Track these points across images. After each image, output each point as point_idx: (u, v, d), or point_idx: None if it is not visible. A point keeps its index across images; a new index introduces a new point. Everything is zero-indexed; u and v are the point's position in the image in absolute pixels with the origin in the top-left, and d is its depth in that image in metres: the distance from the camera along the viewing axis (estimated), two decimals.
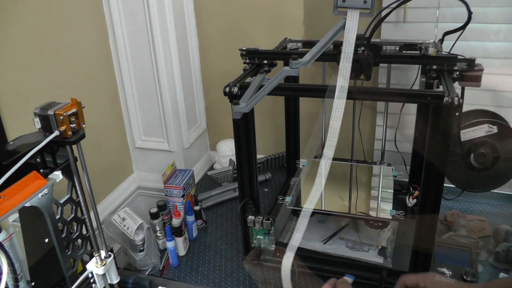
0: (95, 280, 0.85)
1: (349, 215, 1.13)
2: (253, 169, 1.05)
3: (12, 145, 0.73)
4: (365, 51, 0.89)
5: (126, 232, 1.15)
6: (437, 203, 0.91)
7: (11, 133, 1.02)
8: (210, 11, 1.53)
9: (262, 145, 1.60)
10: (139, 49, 1.39)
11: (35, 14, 1.08)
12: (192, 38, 1.55)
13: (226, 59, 1.58)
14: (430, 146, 0.86)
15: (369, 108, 1.47)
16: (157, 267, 1.18)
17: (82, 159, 0.77)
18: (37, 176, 0.72)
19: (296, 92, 1.16)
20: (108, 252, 0.85)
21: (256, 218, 1.06)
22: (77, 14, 1.23)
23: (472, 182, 1.25)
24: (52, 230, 0.78)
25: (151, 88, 1.44)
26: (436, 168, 0.87)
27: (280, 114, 1.50)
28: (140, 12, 1.33)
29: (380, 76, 1.40)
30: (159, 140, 1.54)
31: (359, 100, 1.34)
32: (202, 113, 1.71)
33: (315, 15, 1.41)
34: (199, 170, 1.69)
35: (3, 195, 0.64)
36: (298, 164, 1.47)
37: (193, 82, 1.61)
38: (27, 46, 1.07)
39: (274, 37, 1.43)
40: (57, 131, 0.71)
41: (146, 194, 1.62)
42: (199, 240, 1.28)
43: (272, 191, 1.51)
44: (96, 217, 0.83)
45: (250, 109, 0.85)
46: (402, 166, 1.42)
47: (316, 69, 1.44)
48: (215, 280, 1.12)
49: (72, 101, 0.73)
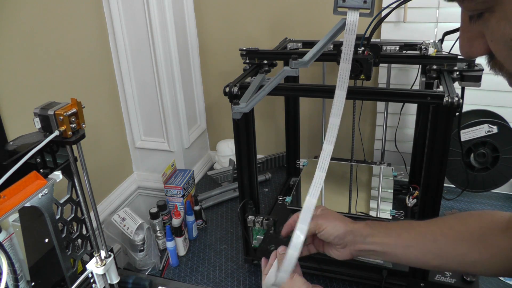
0: (95, 280, 0.85)
1: (349, 215, 1.13)
2: (253, 169, 1.05)
3: (12, 145, 0.73)
4: (365, 51, 0.89)
5: (126, 232, 1.15)
6: (437, 203, 0.91)
7: (11, 133, 1.02)
8: (210, 11, 1.53)
9: (262, 145, 1.60)
10: (139, 49, 1.39)
11: (35, 14, 1.08)
12: (192, 38, 1.55)
13: (226, 59, 1.58)
14: (430, 146, 0.86)
15: (369, 108, 1.47)
16: (157, 267, 1.18)
17: (82, 159, 0.77)
18: (37, 176, 0.72)
19: (296, 92, 1.16)
20: (108, 252, 0.85)
21: (256, 218, 1.06)
22: (77, 14, 1.23)
23: (472, 182, 1.25)
24: (52, 230, 0.78)
25: (151, 88, 1.44)
26: (436, 168, 0.87)
27: (280, 114, 1.50)
28: (140, 12, 1.33)
29: (380, 76, 1.40)
30: (159, 140, 1.54)
31: (359, 100, 1.34)
32: (202, 113, 1.71)
33: (315, 15, 1.41)
34: (199, 170, 1.69)
35: (3, 195, 0.64)
36: (298, 164, 1.47)
37: (193, 82, 1.61)
38: (27, 46, 1.07)
39: (274, 37, 1.43)
40: (57, 131, 0.71)
41: (146, 194, 1.62)
42: (199, 240, 1.28)
43: (272, 191, 1.51)
44: (96, 217, 0.83)
45: (250, 109, 0.85)
46: (402, 166, 1.42)
47: (316, 69, 1.44)
48: (215, 280, 1.12)
49: (72, 101, 0.73)
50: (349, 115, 1.30)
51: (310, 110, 1.53)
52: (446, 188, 1.29)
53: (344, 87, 0.57)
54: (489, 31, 0.39)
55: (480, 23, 0.40)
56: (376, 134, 1.51)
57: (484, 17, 0.39)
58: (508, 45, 0.38)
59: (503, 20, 0.37)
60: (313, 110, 1.54)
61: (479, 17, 0.39)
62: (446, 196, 1.34)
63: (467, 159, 1.24)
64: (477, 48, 0.41)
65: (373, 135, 1.52)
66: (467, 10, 0.41)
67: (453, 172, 1.25)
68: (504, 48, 0.39)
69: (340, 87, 0.57)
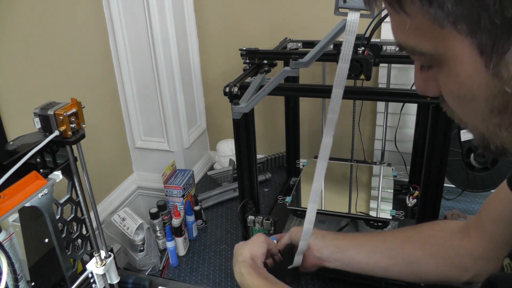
0: (95, 280, 0.85)
1: (349, 215, 1.13)
2: (253, 169, 1.05)
3: (12, 145, 0.73)
4: (365, 51, 0.89)
5: (126, 232, 1.15)
6: (437, 203, 0.91)
7: (11, 133, 1.02)
8: (210, 11, 1.53)
9: (262, 145, 1.60)
10: (139, 49, 1.39)
11: (35, 14, 1.08)
12: (192, 38, 1.55)
13: (226, 59, 1.58)
14: (430, 146, 0.86)
15: (369, 108, 1.47)
16: (157, 267, 1.18)
17: (82, 159, 0.77)
18: (37, 176, 0.71)
19: (296, 92, 1.16)
20: (108, 252, 0.85)
21: (256, 218, 1.06)
22: (77, 14, 1.23)
23: (472, 182, 1.25)
24: (52, 230, 0.78)
25: (151, 88, 1.44)
26: (436, 168, 0.87)
27: (280, 114, 1.50)
28: (140, 12, 1.33)
29: (380, 76, 1.40)
30: (159, 140, 1.54)
31: (359, 100, 1.34)
32: (202, 113, 1.71)
33: (315, 15, 1.41)
34: (199, 170, 1.69)
35: (3, 195, 0.64)
36: (298, 164, 1.47)
37: (193, 82, 1.61)
38: (27, 46, 1.07)
39: (274, 37, 1.43)
40: (57, 131, 0.71)
41: (146, 194, 1.62)
42: (199, 240, 1.28)
43: (272, 191, 1.51)
44: (96, 217, 0.83)
45: (250, 109, 0.85)
46: (402, 166, 1.42)
47: (316, 69, 1.44)
48: (215, 280, 1.12)
49: (72, 101, 0.73)
50: (349, 115, 1.30)
51: (310, 110, 1.53)
52: (446, 188, 1.29)
53: (341, 85, 0.58)
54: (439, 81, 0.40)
55: (431, 73, 0.40)
56: (376, 134, 1.51)
57: (433, 70, 0.40)
58: (456, 100, 0.39)
59: (449, 77, 0.37)
60: (313, 110, 1.53)
61: (428, 68, 0.40)
62: (446, 196, 1.34)
63: (467, 159, 1.24)
64: (431, 90, 0.42)
65: (373, 135, 1.52)
66: (417, 62, 0.42)
67: (453, 172, 1.25)
68: (454, 100, 0.39)
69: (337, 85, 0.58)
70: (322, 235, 0.81)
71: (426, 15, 0.34)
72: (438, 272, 0.72)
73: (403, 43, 0.38)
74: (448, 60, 0.36)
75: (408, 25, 0.36)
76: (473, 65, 0.34)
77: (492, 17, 0.30)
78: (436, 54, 0.36)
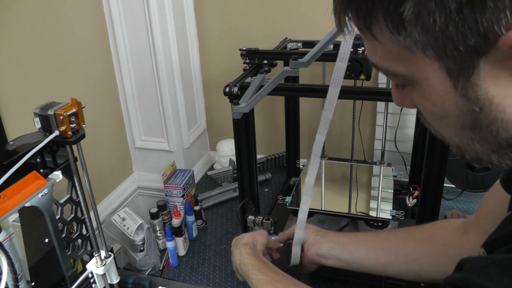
0: (95, 280, 0.85)
1: (349, 215, 1.13)
2: (253, 169, 1.05)
3: (12, 145, 0.73)
4: (365, 51, 0.89)
5: (126, 232, 1.15)
6: (437, 203, 0.91)
7: (11, 133, 1.02)
8: (210, 11, 1.53)
9: (262, 145, 1.60)
10: (139, 49, 1.39)
11: (34, 14, 1.08)
12: (192, 38, 1.55)
13: (226, 59, 1.58)
14: (430, 146, 0.86)
15: (369, 108, 1.47)
16: (157, 267, 1.18)
17: (82, 159, 0.77)
18: (37, 176, 0.72)
19: (296, 92, 1.16)
20: (108, 252, 0.85)
21: (256, 218, 1.07)
22: (77, 14, 1.23)
23: (472, 182, 1.25)
24: (52, 230, 0.78)
25: (151, 88, 1.44)
26: (436, 168, 0.87)
27: (280, 114, 1.50)
28: (140, 12, 1.33)
29: (380, 76, 1.40)
30: (159, 140, 1.54)
31: (359, 100, 1.34)
32: (202, 113, 1.71)
33: (315, 15, 1.41)
34: (199, 170, 1.69)
35: (3, 195, 0.64)
36: (298, 164, 1.47)
37: (193, 82, 1.61)
38: (27, 46, 1.07)
39: (274, 37, 1.43)
40: (57, 131, 0.71)
41: (146, 194, 1.62)
42: (199, 240, 1.28)
43: (272, 191, 1.51)
44: (96, 217, 0.83)
45: (250, 109, 0.85)
46: (402, 166, 1.42)
47: (316, 69, 1.44)
48: (215, 280, 1.12)
49: (72, 101, 0.73)
50: (349, 115, 1.30)
51: (310, 110, 1.53)
52: (446, 188, 1.29)
53: (338, 84, 0.60)
54: (414, 99, 0.42)
55: (406, 90, 0.42)
56: (376, 134, 1.51)
57: (408, 87, 0.41)
58: (430, 116, 0.41)
59: (422, 97, 0.40)
60: (313, 110, 1.53)
61: (403, 87, 0.42)
62: (446, 196, 1.34)
63: None
64: (408, 104, 0.44)
65: (373, 135, 1.52)
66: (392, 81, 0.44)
67: (453, 172, 1.25)
68: (428, 116, 0.42)
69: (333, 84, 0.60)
70: (323, 233, 0.83)
71: (396, 42, 0.36)
72: (438, 271, 0.72)
73: (377, 64, 0.40)
74: (420, 81, 0.38)
75: (379, 50, 0.38)
76: (443, 87, 0.36)
77: (456, 45, 0.33)
78: (408, 76, 0.38)
